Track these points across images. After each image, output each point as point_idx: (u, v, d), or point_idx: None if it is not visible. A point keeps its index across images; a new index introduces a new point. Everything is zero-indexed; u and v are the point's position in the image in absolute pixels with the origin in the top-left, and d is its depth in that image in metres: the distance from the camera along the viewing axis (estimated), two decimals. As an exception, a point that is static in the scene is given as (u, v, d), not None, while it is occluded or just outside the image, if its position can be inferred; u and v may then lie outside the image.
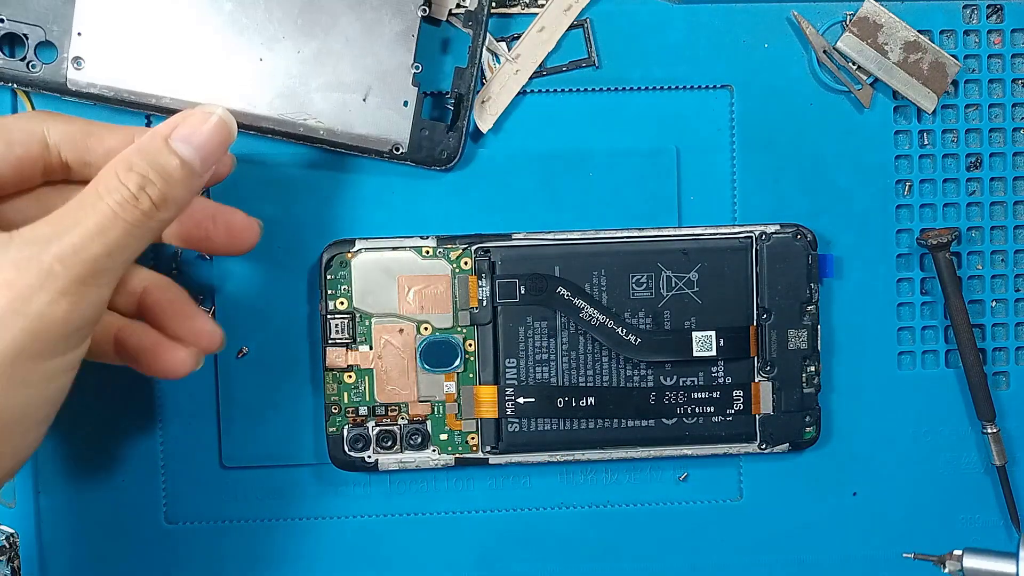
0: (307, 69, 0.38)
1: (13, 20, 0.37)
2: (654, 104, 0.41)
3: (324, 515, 0.41)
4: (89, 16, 0.37)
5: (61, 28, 0.37)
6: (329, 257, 0.39)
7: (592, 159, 0.40)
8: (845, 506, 0.42)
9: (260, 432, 0.40)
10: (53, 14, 0.37)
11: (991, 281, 0.42)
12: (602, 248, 0.39)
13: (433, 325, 0.39)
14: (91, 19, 0.37)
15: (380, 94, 0.38)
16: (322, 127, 0.38)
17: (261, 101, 0.38)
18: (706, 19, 0.41)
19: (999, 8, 0.41)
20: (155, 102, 0.38)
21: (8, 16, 0.37)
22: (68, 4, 0.37)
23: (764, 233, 0.40)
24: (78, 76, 0.37)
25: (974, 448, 0.42)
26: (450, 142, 0.39)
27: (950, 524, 0.42)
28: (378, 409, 0.39)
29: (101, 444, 0.40)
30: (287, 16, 0.38)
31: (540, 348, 0.39)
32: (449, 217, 0.40)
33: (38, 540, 0.40)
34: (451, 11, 0.39)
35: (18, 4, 0.37)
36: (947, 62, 0.40)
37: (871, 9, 0.40)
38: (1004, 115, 0.42)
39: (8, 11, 0.37)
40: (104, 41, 0.37)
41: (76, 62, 0.37)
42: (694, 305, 0.39)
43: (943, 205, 0.42)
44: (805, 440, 0.40)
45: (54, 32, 0.37)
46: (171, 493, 0.40)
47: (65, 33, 0.37)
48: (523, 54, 0.40)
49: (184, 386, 0.40)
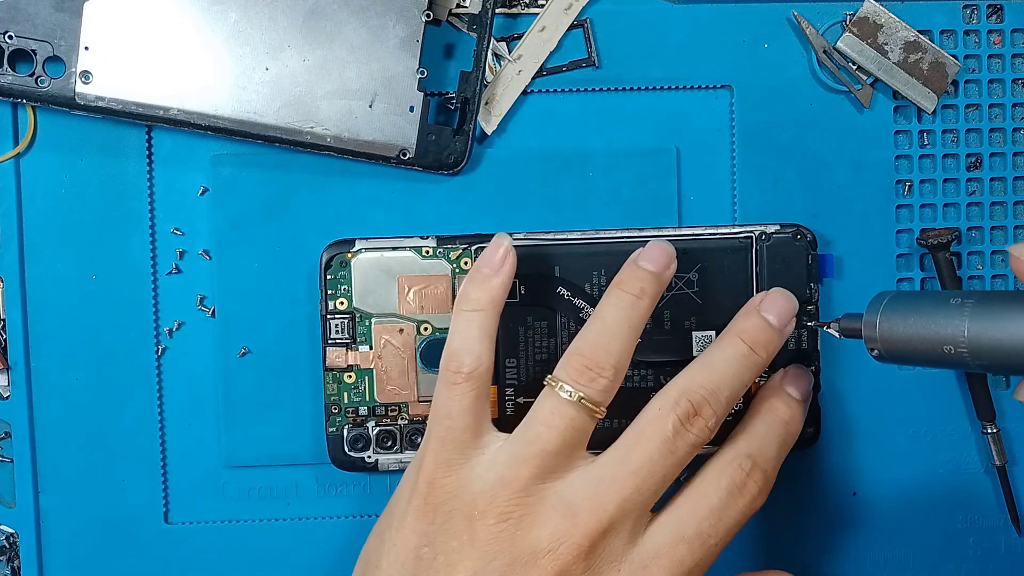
0: (313, 77, 0.38)
1: (21, 36, 0.37)
2: (654, 104, 0.41)
3: (324, 515, 0.41)
4: (96, 30, 0.37)
5: (68, 43, 0.37)
6: (329, 257, 0.39)
7: (592, 159, 0.40)
8: (845, 506, 0.42)
9: (260, 432, 0.40)
10: (60, 29, 0.37)
11: (991, 281, 0.42)
12: (602, 248, 0.39)
13: (433, 325, 0.39)
14: (98, 33, 0.37)
15: (386, 100, 0.38)
16: (329, 134, 0.38)
17: (268, 110, 0.38)
18: (706, 19, 0.41)
19: (999, 8, 0.41)
20: (162, 114, 0.38)
21: (16, 32, 0.37)
22: (75, 19, 0.37)
23: (764, 233, 0.40)
24: (86, 90, 0.37)
25: (974, 448, 0.42)
26: (457, 146, 0.39)
27: (950, 524, 0.42)
28: (378, 409, 0.39)
29: (101, 444, 0.40)
30: (292, 25, 0.38)
31: (540, 348, 0.39)
32: (449, 217, 0.40)
33: (38, 540, 0.40)
34: (451, 11, 0.39)
35: (26, 20, 0.37)
36: (947, 62, 0.40)
37: (871, 9, 0.40)
38: (1004, 115, 0.42)
39: (16, 27, 0.37)
40: (111, 55, 0.37)
41: (84, 76, 0.37)
42: (694, 305, 0.39)
43: (943, 205, 0.42)
44: (805, 440, 0.40)
45: (61, 47, 0.37)
46: (171, 493, 0.40)
47: (72, 48, 0.37)
48: (525, 54, 0.40)
49: (184, 386, 0.40)
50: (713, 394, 0.34)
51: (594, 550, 0.32)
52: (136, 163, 0.40)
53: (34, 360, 0.40)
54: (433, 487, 0.33)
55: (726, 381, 0.34)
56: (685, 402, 0.33)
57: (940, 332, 0.32)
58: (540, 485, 0.33)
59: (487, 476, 0.33)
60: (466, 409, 0.34)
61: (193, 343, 0.40)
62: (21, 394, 0.40)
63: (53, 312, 0.40)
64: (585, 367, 0.34)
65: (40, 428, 0.40)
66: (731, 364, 0.35)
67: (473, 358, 0.34)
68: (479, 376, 0.34)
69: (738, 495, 0.34)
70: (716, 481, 0.34)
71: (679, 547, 0.33)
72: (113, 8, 0.37)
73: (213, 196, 0.40)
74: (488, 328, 0.35)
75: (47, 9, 0.37)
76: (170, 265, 0.40)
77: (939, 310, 0.32)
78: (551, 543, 0.32)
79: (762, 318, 0.36)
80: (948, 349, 0.31)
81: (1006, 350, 0.30)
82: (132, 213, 0.40)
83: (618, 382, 0.34)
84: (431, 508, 0.33)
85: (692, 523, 0.33)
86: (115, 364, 0.40)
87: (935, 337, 0.32)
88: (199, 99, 0.38)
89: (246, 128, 0.38)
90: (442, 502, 0.33)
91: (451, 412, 0.34)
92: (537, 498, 0.33)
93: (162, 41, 0.37)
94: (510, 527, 0.32)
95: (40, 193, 0.39)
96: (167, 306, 0.40)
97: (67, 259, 0.40)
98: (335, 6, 0.38)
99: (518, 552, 0.32)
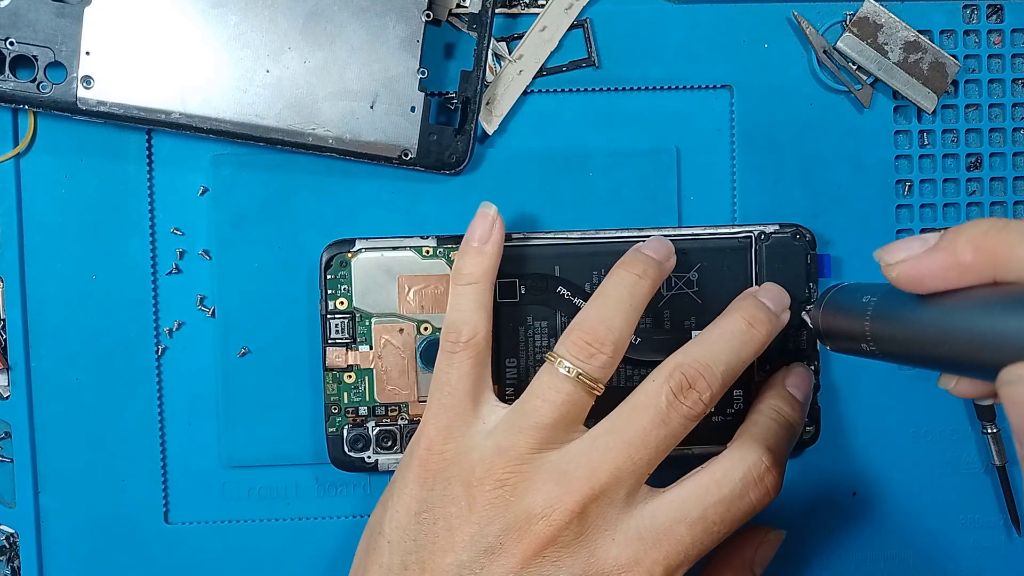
0: (314, 79, 0.38)
1: (22, 42, 0.37)
2: (654, 104, 0.41)
3: (324, 515, 0.41)
4: (96, 35, 0.37)
5: (69, 48, 0.37)
6: (329, 257, 0.39)
7: (592, 159, 0.40)
8: (845, 506, 0.42)
9: (260, 432, 0.40)
10: (61, 35, 0.37)
11: (991, 281, 0.42)
12: (602, 248, 0.39)
13: (433, 325, 0.39)
14: (98, 38, 0.37)
15: (387, 101, 0.38)
16: (331, 136, 0.38)
17: (269, 113, 0.38)
18: (706, 19, 0.41)
19: (999, 8, 0.41)
20: (164, 117, 0.38)
21: (17, 38, 0.37)
22: (75, 24, 0.37)
23: (763, 233, 0.40)
24: (88, 95, 0.37)
25: (974, 448, 0.42)
26: (458, 146, 0.39)
27: (950, 524, 0.42)
28: (378, 409, 0.39)
29: (101, 444, 0.40)
30: (292, 27, 0.38)
31: (540, 348, 0.39)
32: (449, 217, 0.40)
33: (38, 540, 0.40)
34: (451, 11, 0.39)
35: (26, 26, 0.37)
36: (947, 62, 0.40)
37: (871, 9, 0.40)
38: (1004, 115, 0.42)
39: (17, 34, 0.37)
40: (112, 59, 0.37)
41: (85, 81, 0.37)
42: (694, 305, 0.39)
43: (943, 205, 0.42)
44: (805, 440, 0.40)
45: (62, 52, 0.37)
46: (171, 493, 0.40)
47: (73, 53, 0.37)
48: (526, 54, 0.40)
49: (184, 386, 0.40)
50: (708, 367, 0.34)
51: (586, 515, 0.33)
52: (136, 163, 0.40)
53: (34, 360, 0.40)
54: (431, 453, 0.34)
55: (723, 356, 0.34)
56: (679, 374, 0.34)
57: (856, 329, 0.31)
58: (536, 455, 0.33)
59: (485, 444, 0.34)
60: (464, 376, 0.35)
61: (193, 343, 0.40)
62: (21, 394, 0.40)
63: (53, 312, 0.40)
64: (585, 343, 0.34)
65: (40, 428, 0.40)
66: (728, 339, 0.35)
67: (469, 328, 0.35)
68: (476, 344, 0.35)
69: (753, 487, 0.34)
70: (731, 471, 0.34)
71: (679, 527, 0.33)
72: (114, 13, 0.37)
73: (213, 196, 0.40)
74: (482, 299, 0.36)
75: (48, 15, 0.37)
76: (170, 265, 0.40)
77: (854, 308, 0.31)
78: (544, 508, 0.33)
79: (759, 299, 0.36)
80: (865, 346, 0.31)
81: (903, 346, 0.29)
82: (132, 213, 0.40)
83: (617, 359, 0.35)
84: (431, 475, 0.34)
85: (698, 507, 0.34)
86: (115, 364, 0.40)
87: (855, 334, 0.31)
88: (201, 102, 0.38)
89: (248, 131, 0.38)
90: (441, 469, 0.34)
91: (450, 379, 0.35)
92: (533, 466, 0.33)
93: (163, 45, 0.37)
94: (505, 493, 0.33)
95: (40, 193, 0.39)
96: (167, 306, 0.40)
97: (67, 259, 0.40)
98: (335, 7, 0.38)
99: (513, 517, 0.33)
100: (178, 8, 0.37)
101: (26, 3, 0.37)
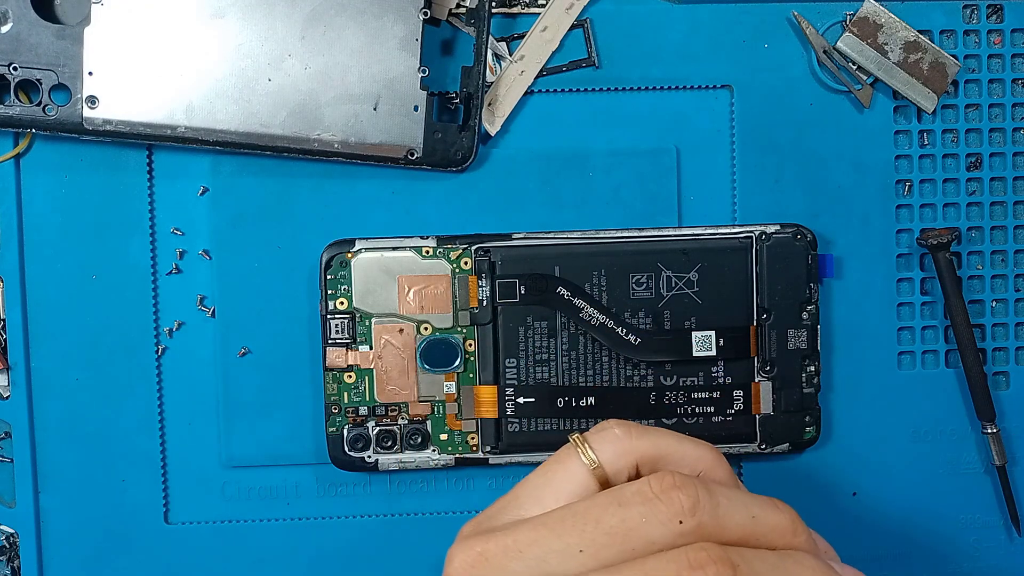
0: (316, 84, 0.38)
1: (25, 66, 0.37)
2: (654, 104, 0.41)
3: (324, 515, 0.41)
4: (98, 55, 0.37)
5: (72, 70, 0.37)
6: (329, 257, 0.39)
7: (592, 159, 0.40)
8: (845, 506, 0.42)
9: (260, 432, 0.40)
10: (63, 56, 0.37)
11: (991, 281, 0.42)
12: (602, 248, 0.39)
13: (433, 325, 0.39)
14: (100, 58, 0.37)
15: (390, 101, 0.38)
16: (336, 140, 0.38)
17: (274, 121, 0.38)
18: (706, 19, 0.41)
19: (999, 8, 0.41)
20: (170, 132, 0.38)
21: (21, 63, 0.37)
22: (77, 45, 0.37)
23: (764, 233, 0.40)
24: (93, 114, 0.37)
25: (974, 448, 0.42)
26: (464, 142, 0.39)
27: (950, 524, 0.42)
28: (378, 409, 0.39)
29: (101, 444, 0.40)
30: (291, 34, 0.38)
31: (540, 348, 0.39)
32: (449, 217, 0.40)
33: (38, 540, 0.40)
34: (451, 11, 0.39)
35: (28, 51, 0.37)
36: (947, 62, 0.40)
37: (871, 9, 0.40)
38: (1004, 115, 0.42)
39: (20, 58, 0.37)
40: (115, 78, 0.37)
41: (90, 101, 0.37)
42: (694, 305, 0.39)
43: (943, 205, 0.42)
44: (805, 440, 0.40)
45: (66, 74, 0.37)
46: (171, 493, 0.40)
47: (76, 74, 0.37)
48: (527, 55, 0.40)
49: (184, 386, 0.40)
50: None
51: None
52: (136, 163, 0.40)
53: (34, 360, 0.40)
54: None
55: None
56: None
57: None
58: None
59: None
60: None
61: (193, 343, 0.40)
62: (21, 394, 0.40)
63: (53, 312, 0.40)
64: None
65: (40, 428, 0.40)
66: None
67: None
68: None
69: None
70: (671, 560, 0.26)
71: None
72: (113, 31, 0.37)
73: (213, 196, 0.40)
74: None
75: (49, 37, 0.37)
76: (170, 265, 0.40)
77: None
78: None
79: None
80: None
81: None
82: (132, 213, 0.40)
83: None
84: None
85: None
86: (115, 364, 0.40)
87: None
88: (205, 115, 0.38)
89: (253, 140, 0.38)
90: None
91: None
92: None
93: (164, 60, 0.37)
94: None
95: (40, 193, 0.39)
96: (167, 306, 0.40)
97: (67, 259, 0.40)
98: (332, 11, 0.38)
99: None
100: (176, 22, 0.37)
101: (27, 27, 0.37)
